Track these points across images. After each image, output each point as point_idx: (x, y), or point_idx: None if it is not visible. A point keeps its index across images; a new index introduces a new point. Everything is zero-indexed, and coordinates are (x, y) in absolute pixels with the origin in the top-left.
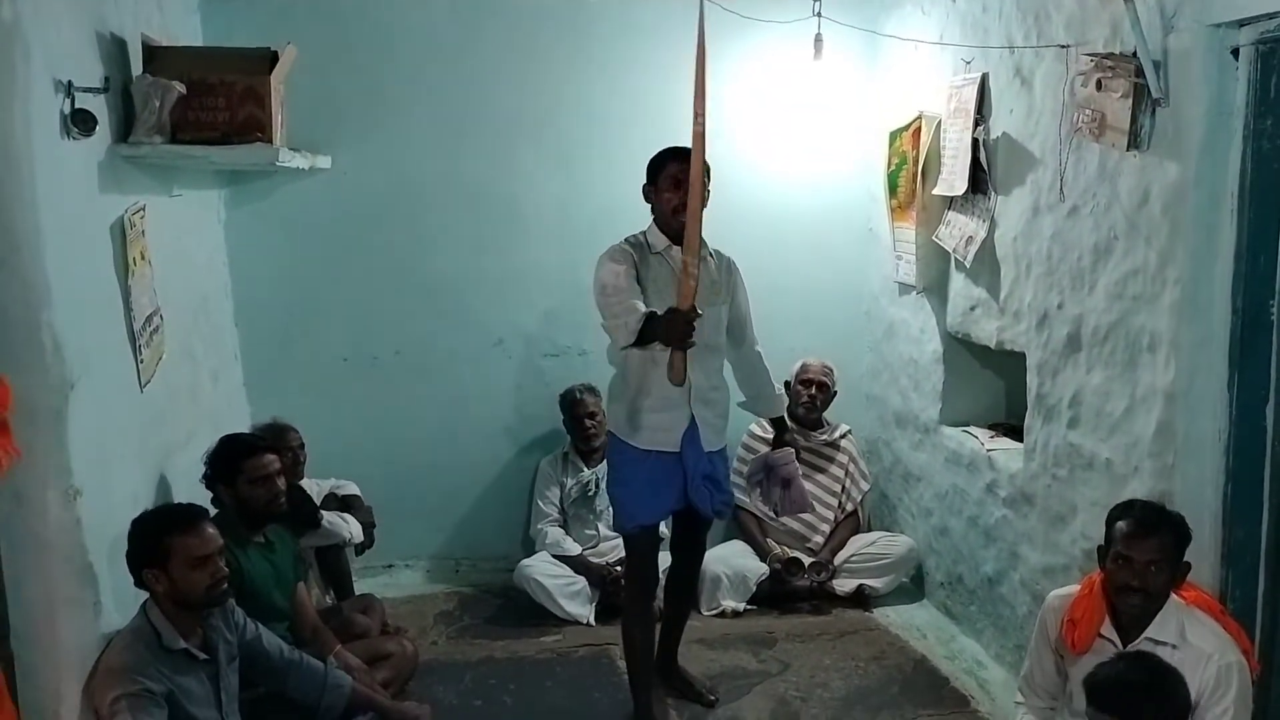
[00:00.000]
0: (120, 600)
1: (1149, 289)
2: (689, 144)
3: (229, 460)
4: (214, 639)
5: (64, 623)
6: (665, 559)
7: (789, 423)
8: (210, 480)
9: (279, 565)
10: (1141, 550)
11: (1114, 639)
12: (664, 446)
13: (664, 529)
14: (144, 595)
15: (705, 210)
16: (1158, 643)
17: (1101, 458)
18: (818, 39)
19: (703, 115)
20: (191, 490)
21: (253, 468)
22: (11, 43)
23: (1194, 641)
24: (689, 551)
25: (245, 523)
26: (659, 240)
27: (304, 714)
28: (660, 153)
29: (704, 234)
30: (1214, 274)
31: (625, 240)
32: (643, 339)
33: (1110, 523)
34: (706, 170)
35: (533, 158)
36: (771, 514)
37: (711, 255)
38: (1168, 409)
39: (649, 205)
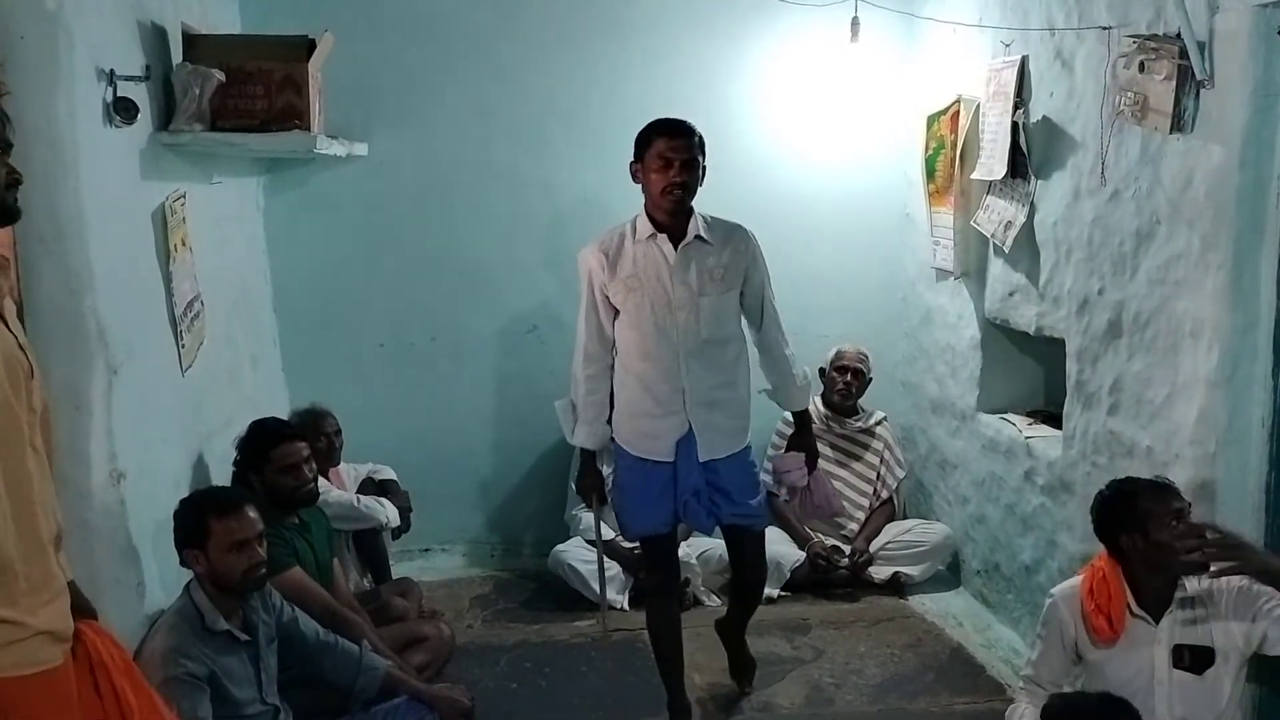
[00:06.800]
0: (164, 581)
1: (1192, 274)
2: (726, 129)
3: (258, 448)
4: (254, 620)
5: (109, 604)
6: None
7: (824, 409)
8: (240, 467)
9: (315, 546)
10: (1177, 504)
11: (1146, 616)
12: (655, 455)
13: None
14: (188, 576)
15: (711, 189)
16: (1193, 599)
17: (1142, 445)
18: (854, 22)
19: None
20: (230, 473)
21: (280, 456)
22: (54, 32)
23: (1218, 583)
24: (739, 563)
25: (277, 507)
26: (644, 228)
27: (338, 696)
28: (646, 126)
29: (719, 215)
30: (1259, 259)
31: (599, 241)
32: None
33: (1120, 511)
34: (700, 147)
35: (567, 143)
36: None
37: (705, 237)
38: (1210, 396)
39: (639, 186)
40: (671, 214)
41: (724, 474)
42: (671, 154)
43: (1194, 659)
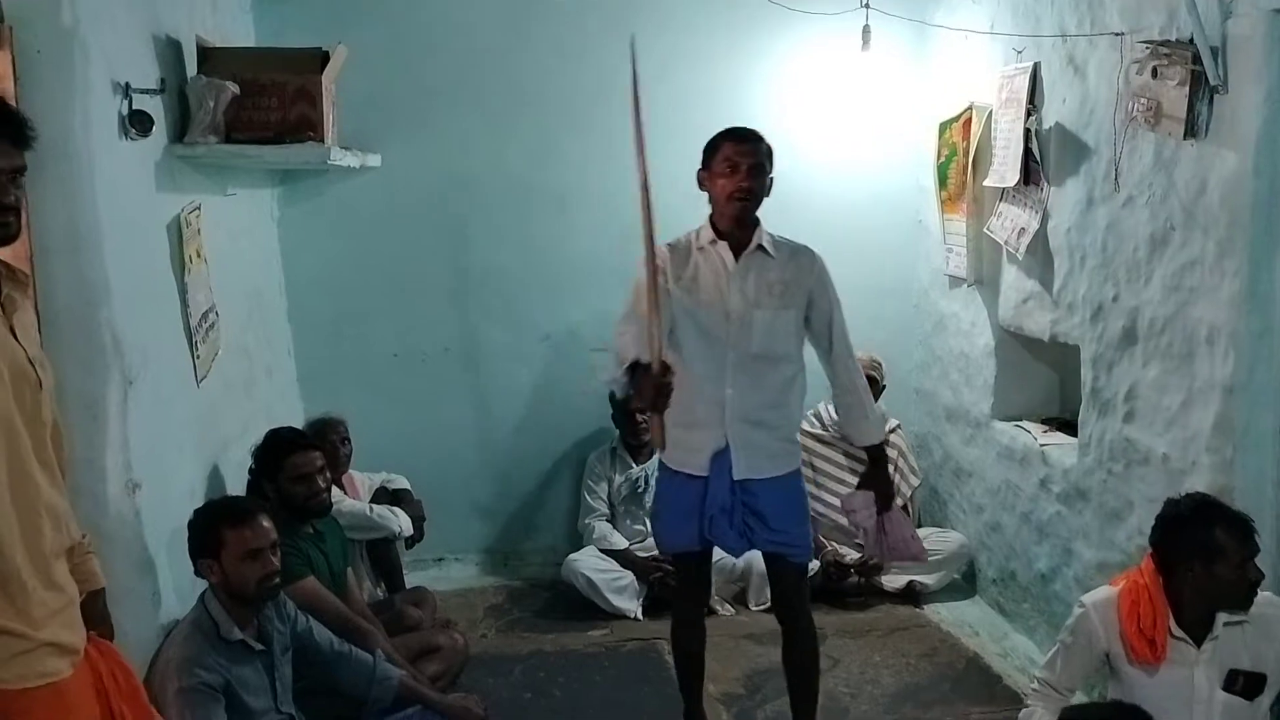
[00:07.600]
0: (179, 591)
1: (1207, 280)
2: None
3: (272, 457)
4: (268, 630)
5: (124, 614)
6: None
7: (834, 415)
8: (255, 475)
9: (329, 556)
10: (1252, 547)
11: (1187, 638)
12: (690, 469)
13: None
14: (203, 586)
15: (766, 200)
16: (1233, 622)
17: (1158, 452)
18: (866, 30)
19: (646, 176)
20: (245, 483)
21: (293, 465)
22: (70, 46)
23: (1261, 608)
24: (773, 594)
25: (291, 516)
26: (707, 234)
27: (352, 705)
28: (716, 134)
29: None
30: (1274, 264)
31: (668, 243)
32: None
33: (1193, 533)
34: (769, 155)
35: (579, 152)
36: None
37: (768, 249)
38: (1226, 402)
39: (706, 194)
40: (737, 220)
41: (761, 497)
42: (739, 158)
43: (1247, 684)
